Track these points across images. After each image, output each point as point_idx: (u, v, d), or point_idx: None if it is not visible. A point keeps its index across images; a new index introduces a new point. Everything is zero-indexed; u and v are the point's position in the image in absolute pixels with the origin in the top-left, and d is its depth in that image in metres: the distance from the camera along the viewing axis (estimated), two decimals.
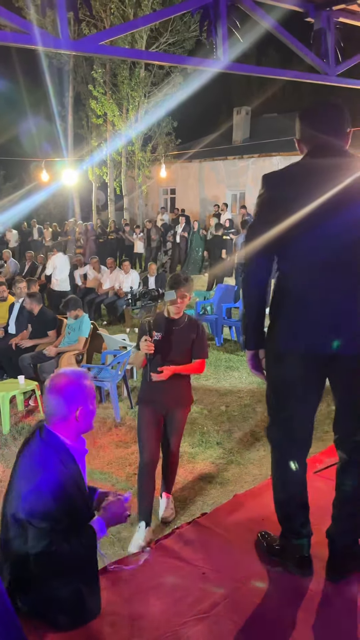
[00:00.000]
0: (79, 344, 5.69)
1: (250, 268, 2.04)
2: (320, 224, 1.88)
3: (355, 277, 1.92)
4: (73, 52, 2.84)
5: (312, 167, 1.96)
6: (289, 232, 1.90)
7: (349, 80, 4.30)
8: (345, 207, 1.87)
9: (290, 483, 2.13)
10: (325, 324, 1.90)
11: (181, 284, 3.02)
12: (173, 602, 1.97)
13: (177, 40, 17.66)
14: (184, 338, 3.14)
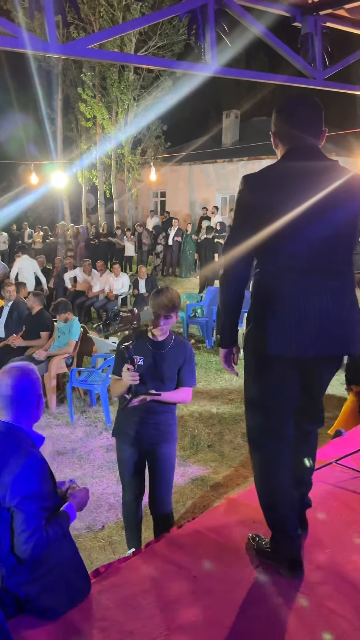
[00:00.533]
0: (69, 347, 5.67)
1: (231, 269, 2.05)
2: (303, 227, 1.90)
3: (338, 279, 1.96)
4: (62, 56, 2.84)
5: (292, 170, 1.97)
6: (273, 236, 1.91)
7: (337, 84, 4.34)
8: (326, 210, 1.91)
9: (280, 485, 2.12)
10: (313, 327, 1.92)
11: (164, 305, 2.62)
12: (164, 605, 1.96)
13: (166, 44, 17.71)
14: (170, 362, 2.76)
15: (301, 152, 1.99)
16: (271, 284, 1.99)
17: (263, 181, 2.00)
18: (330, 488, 2.80)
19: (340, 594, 2.02)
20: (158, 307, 2.64)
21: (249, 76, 4.20)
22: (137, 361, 2.65)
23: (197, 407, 5.47)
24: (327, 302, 1.93)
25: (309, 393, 2.16)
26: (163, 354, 2.73)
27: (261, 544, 2.24)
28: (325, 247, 1.93)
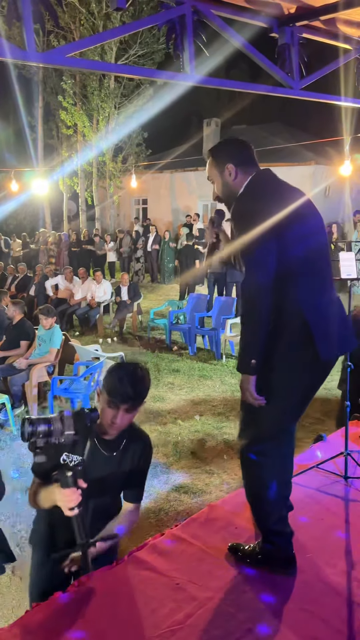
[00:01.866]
0: (50, 355, 5.63)
1: (265, 287, 1.90)
2: (311, 235, 2.03)
3: (331, 282, 2.14)
4: (40, 64, 2.84)
5: (279, 183, 2.11)
6: (286, 239, 1.97)
7: (314, 94, 4.42)
8: (318, 221, 2.09)
9: (279, 485, 2.17)
10: (338, 330, 2.05)
11: (127, 396, 1.89)
12: (147, 614, 1.95)
13: (146, 52, 17.83)
14: (119, 469, 2.03)
15: (267, 173, 2.14)
16: (296, 291, 1.99)
17: (272, 189, 2.08)
18: (312, 492, 2.82)
19: (321, 598, 2.04)
20: (118, 395, 1.88)
21: (229, 86, 4.25)
22: (72, 460, 1.87)
23: (180, 413, 5.47)
24: (336, 303, 2.09)
25: (314, 394, 2.25)
26: (110, 458, 2.00)
27: (247, 550, 2.25)
28: (320, 254, 2.08)
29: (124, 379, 1.89)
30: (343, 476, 2.97)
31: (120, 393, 1.88)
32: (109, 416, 1.92)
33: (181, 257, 12.02)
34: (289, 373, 2.03)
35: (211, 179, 2.23)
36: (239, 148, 2.18)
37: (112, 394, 1.89)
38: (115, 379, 1.91)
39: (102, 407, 1.94)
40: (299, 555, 2.24)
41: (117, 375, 1.92)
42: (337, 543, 2.39)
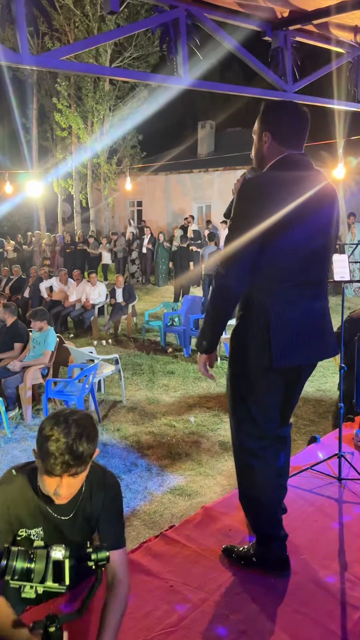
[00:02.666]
0: (44, 357, 5.62)
1: (232, 279, 1.95)
2: (298, 241, 1.97)
3: (319, 288, 2.09)
4: (34, 68, 2.85)
5: (290, 181, 2.01)
6: (272, 248, 1.94)
7: (307, 97, 4.44)
8: (316, 227, 2.02)
9: (271, 490, 2.18)
10: (308, 337, 2.04)
11: (62, 461, 1.52)
12: (141, 616, 1.95)
13: (141, 55, 17.88)
14: (78, 532, 1.76)
15: (296, 160, 2.08)
16: (269, 297, 2.00)
17: (270, 190, 1.99)
18: (306, 494, 2.83)
19: (315, 600, 2.04)
20: (55, 466, 1.52)
21: (223, 89, 4.26)
22: (32, 536, 1.67)
23: (175, 415, 5.47)
24: (315, 312, 2.05)
25: (293, 397, 2.26)
26: (66, 522, 1.73)
27: (242, 551, 2.25)
28: (313, 259, 2.03)
29: (60, 442, 1.51)
30: (337, 477, 2.98)
31: (57, 463, 1.51)
32: (50, 487, 1.57)
33: (175, 259, 12.03)
34: (254, 371, 2.07)
35: (253, 134, 2.19)
36: (288, 119, 2.07)
37: (47, 464, 1.52)
38: (47, 444, 1.52)
39: (40, 476, 1.59)
40: (293, 557, 2.25)
41: (49, 437, 1.52)
42: (331, 544, 2.40)
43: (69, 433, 1.53)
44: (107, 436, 4.97)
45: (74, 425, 1.55)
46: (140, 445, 4.77)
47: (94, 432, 1.60)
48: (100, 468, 1.82)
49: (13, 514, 1.67)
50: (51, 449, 1.51)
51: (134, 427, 5.19)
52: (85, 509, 1.74)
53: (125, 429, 5.15)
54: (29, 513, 1.68)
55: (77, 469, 1.55)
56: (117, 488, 1.82)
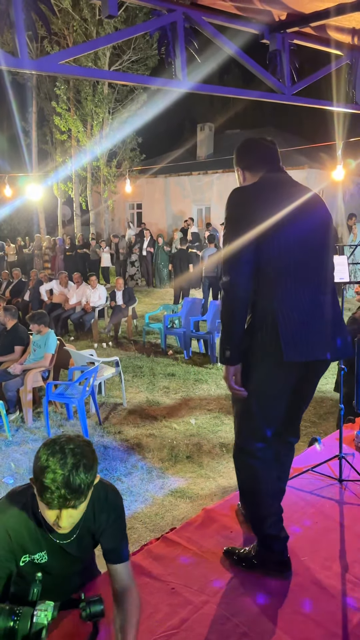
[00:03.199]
0: (45, 360, 5.62)
1: (239, 281, 1.98)
2: (294, 234, 2.00)
3: (328, 285, 2.12)
4: (33, 72, 2.85)
5: (278, 184, 2.12)
6: (275, 246, 1.98)
7: (305, 99, 4.45)
8: (315, 222, 2.08)
9: (272, 491, 2.19)
10: (316, 336, 2.03)
11: (64, 499, 1.47)
12: (142, 619, 1.95)
13: (140, 58, 17.91)
14: (80, 555, 1.78)
15: (275, 174, 2.16)
16: (273, 296, 2.02)
17: (257, 194, 2.06)
18: (307, 495, 2.83)
19: (316, 601, 2.04)
20: (53, 501, 1.47)
21: (221, 92, 4.27)
22: (36, 560, 1.68)
23: (176, 418, 5.47)
24: (321, 309, 2.06)
25: (302, 398, 2.26)
26: (69, 544, 1.71)
27: (242, 553, 2.25)
28: (312, 257, 2.05)
29: (56, 474, 1.45)
30: (338, 479, 2.98)
31: (54, 497, 1.46)
32: (50, 518, 1.53)
33: (175, 261, 12.05)
34: (262, 369, 2.07)
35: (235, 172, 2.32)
36: (250, 150, 2.24)
37: (44, 498, 1.47)
38: (43, 476, 1.46)
39: (40, 506, 1.54)
40: (294, 559, 2.25)
41: (46, 469, 1.47)
42: (332, 546, 2.40)
43: (65, 464, 1.47)
44: (107, 439, 4.97)
45: (70, 455, 1.49)
46: (141, 447, 4.77)
47: (92, 459, 1.54)
48: (102, 486, 1.76)
49: (15, 541, 1.63)
50: (46, 482, 1.45)
51: (134, 430, 5.19)
52: (89, 528, 1.72)
53: (126, 431, 5.15)
54: (30, 538, 1.65)
55: (75, 502, 1.48)
56: (120, 507, 1.78)
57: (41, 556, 1.68)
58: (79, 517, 1.57)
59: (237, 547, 2.31)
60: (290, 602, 2.04)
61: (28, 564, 1.68)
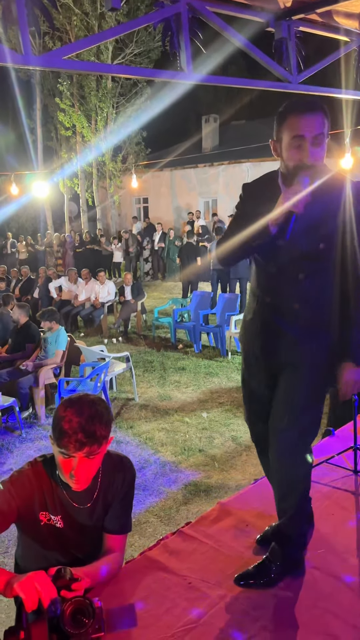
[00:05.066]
0: (56, 357, 5.64)
1: None
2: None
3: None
4: (37, 68, 2.84)
5: None
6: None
7: (312, 87, 4.40)
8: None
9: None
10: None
11: (79, 443, 1.53)
12: (160, 614, 1.95)
13: (142, 51, 17.80)
14: (95, 522, 1.79)
15: None
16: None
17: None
18: (322, 487, 2.81)
19: (334, 594, 2.03)
20: (68, 445, 1.53)
21: (227, 82, 4.23)
22: (52, 521, 1.70)
23: (188, 412, 5.47)
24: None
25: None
26: (85, 510, 1.74)
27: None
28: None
29: (72, 421, 1.53)
30: (353, 470, 2.96)
31: (71, 441, 1.52)
32: (66, 470, 1.59)
33: (182, 255, 12.02)
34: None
35: None
36: None
37: (62, 445, 1.54)
38: (61, 423, 1.54)
39: (57, 458, 1.62)
40: (311, 551, 2.24)
41: (63, 418, 1.55)
42: (349, 538, 2.38)
43: (82, 413, 1.55)
44: (120, 434, 4.99)
45: (87, 406, 1.57)
46: (154, 442, 4.78)
47: (107, 415, 1.61)
48: (117, 455, 1.85)
49: (37, 494, 1.69)
50: (64, 428, 1.53)
51: (146, 424, 5.20)
52: (105, 496, 1.78)
53: (138, 426, 5.16)
54: (51, 499, 1.71)
55: (90, 447, 1.55)
56: (133, 474, 1.85)
57: (56, 521, 1.72)
58: (93, 472, 1.64)
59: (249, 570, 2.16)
60: (308, 595, 2.03)
61: (47, 526, 1.72)
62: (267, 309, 2.02)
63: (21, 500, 1.66)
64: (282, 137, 1.86)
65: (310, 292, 1.94)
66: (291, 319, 1.96)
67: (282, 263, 1.94)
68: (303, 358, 1.97)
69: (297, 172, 1.80)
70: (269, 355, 2.04)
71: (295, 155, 1.82)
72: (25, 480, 1.69)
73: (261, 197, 1.92)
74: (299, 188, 1.75)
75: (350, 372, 1.94)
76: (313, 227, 1.89)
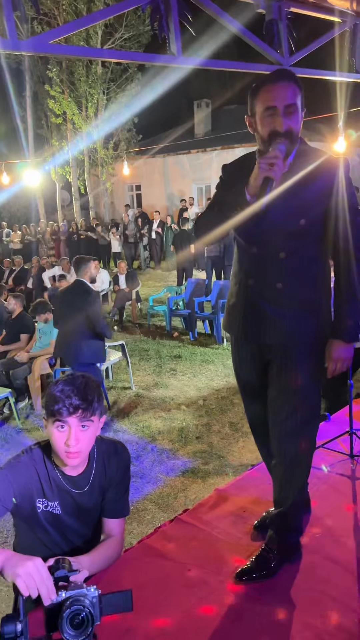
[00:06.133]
0: (51, 347, 5.62)
1: None
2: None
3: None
4: (23, 53, 2.78)
5: None
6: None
7: (304, 70, 4.34)
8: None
9: None
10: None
11: (73, 406, 1.57)
12: (160, 601, 1.97)
13: (132, 35, 17.52)
14: (97, 496, 1.79)
15: None
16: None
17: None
18: (318, 472, 2.83)
19: (332, 577, 2.05)
20: (62, 409, 1.56)
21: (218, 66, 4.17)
22: (49, 507, 1.71)
23: (184, 399, 5.48)
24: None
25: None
26: (82, 494, 1.74)
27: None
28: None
29: (64, 390, 1.58)
30: (349, 455, 2.98)
31: (65, 405, 1.56)
32: (61, 442, 1.59)
33: (176, 242, 11.96)
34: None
35: None
36: None
37: (56, 411, 1.57)
38: (54, 393, 1.59)
39: (51, 435, 1.62)
40: (308, 535, 2.25)
41: (56, 389, 1.60)
42: (346, 522, 2.40)
43: (74, 382, 1.60)
44: (117, 423, 5.00)
45: (79, 378, 1.63)
46: (151, 430, 4.79)
47: (99, 389, 1.66)
48: (111, 440, 1.87)
49: (33, 480, 1.69)
50: (58, 395, 1.57)
51: (143, 413, 5.20)
52: (100, 480, 1.78)
53: (134, 414, 5.17)
54: (48, 485, 1.71)
55: (84, 412, 1.57)
56: (128, 459, 1.86)
57: (54, 507, 1.73)
58: (87, 446, 1.65)
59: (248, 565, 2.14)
60: (306, 579, 2.04)
61: (45, 512, 1.71)
62: (250, 291, 1.97)
63: (18, 487, 1.65)
64: (255, 110, 1.87)
65: (293, 270, 1.90)
66: (275, 299, 1.92)
67: (263, 242, 1.90)
68: (291, 339, 1.93)
69: (272, 140, 1.79)
70: (256, 338, 1.99)
71: (269, 123, 1.82)
72: (22, 467, 1.68)
73: (239, 175, 1.88)
74: (275, 153, 1.73)
75: (339, 350, 1.92)
76: (293, 203, 1.85)
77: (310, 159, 1.87)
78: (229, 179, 1.99)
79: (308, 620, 1.84)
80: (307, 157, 1.89)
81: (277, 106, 1.79)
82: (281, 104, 1.79)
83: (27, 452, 1.74)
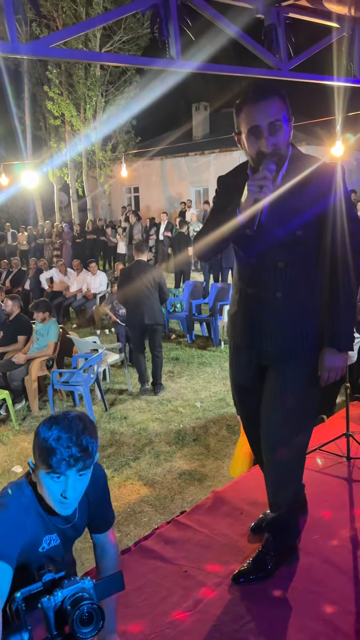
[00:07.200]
0: (48, 349, 5.62)
1: None
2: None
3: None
4: (24, 57, 2.80)
5: None
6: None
7: (302, 75, 4.37)
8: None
9: None
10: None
11: (75, 457, 1.40)
12: (156, 602, 1.98)
13: (131, 38, 17.54)
14: (75, 534, 1.69)
15: None
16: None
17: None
18: (316, 474, 2.84)
19: (329, 579, 2.06)
20: (62, 462, 1.40)
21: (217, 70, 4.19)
22: (48, 543, 1.58)
23: (181, 401, 5.49)
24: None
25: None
26: (75, 523, 1.64)
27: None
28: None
29: (61, 438, 1.39)
30: (346, 457, 2.99)
31: (64, 458, 1.38)
32: (56, 493, 1.44)
33: (174, 244, 11.95)
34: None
35: None
36: None
37: (53, 464, 1.39)
38: (50, 443, 1.39)
39: (43, 484, 1.45)
40: (305, 537, 2.27)
41: (50, 437, 1.40)
42: (342, 523, 2.41)
43: (71, 429, 1.40)
44: (114, 424, 5.00)
45: (74, 421, 1.43)
46: (148, 432, 4.79)
47: (95, 429, 1.49)
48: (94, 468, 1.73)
49: (31, 528, 1.50)
50: (54, 445, 1.38)
51: (140, 415, 5.21)
52: (85, 508, 1.65)
53: (132, 416, 5.18)
54: (42, 524, 1.54)
55: (84, 462, 1.41)
56: (103, 473, 1.72)
57: (52, 540, 1.60)
58: (82, 491, 1.49)
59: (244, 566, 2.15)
60: (303, 581, 2.06)
61: (47, 549, 1.58)
62: (250, 300, 1.99)
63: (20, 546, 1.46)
64: (241, 129, 1.85)
65: (292, 279, 1.91)
66: (275, 308, 1.94)
67: (261, 253, 1.92)
68: (290, 348, 1.95)
69: (260, 160, 1.79)
70: (255, 345, 2.01)
71: (254, 144, 1.81)
72: (12, 522, 1.45)
73: (234, 188, 1.89)
74: (264, 174, 1.72)
75: (332, 358, 1.92)
76: (288, 214, 1.85)
77: (303, 166, 1.87)
78: (225, 192, 2.00)
79: (305, 621, 1.85)
80: (299, 163, 1.88)
81: (261, 126, 1.77)
82: (264, 122, 1.76)
83: (13, 498, 1.50)
